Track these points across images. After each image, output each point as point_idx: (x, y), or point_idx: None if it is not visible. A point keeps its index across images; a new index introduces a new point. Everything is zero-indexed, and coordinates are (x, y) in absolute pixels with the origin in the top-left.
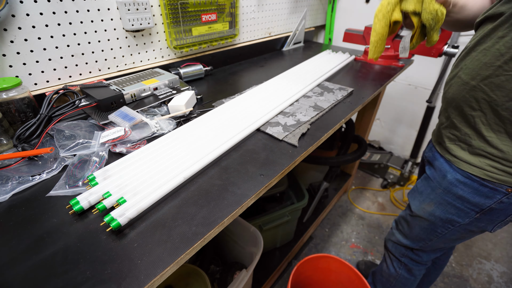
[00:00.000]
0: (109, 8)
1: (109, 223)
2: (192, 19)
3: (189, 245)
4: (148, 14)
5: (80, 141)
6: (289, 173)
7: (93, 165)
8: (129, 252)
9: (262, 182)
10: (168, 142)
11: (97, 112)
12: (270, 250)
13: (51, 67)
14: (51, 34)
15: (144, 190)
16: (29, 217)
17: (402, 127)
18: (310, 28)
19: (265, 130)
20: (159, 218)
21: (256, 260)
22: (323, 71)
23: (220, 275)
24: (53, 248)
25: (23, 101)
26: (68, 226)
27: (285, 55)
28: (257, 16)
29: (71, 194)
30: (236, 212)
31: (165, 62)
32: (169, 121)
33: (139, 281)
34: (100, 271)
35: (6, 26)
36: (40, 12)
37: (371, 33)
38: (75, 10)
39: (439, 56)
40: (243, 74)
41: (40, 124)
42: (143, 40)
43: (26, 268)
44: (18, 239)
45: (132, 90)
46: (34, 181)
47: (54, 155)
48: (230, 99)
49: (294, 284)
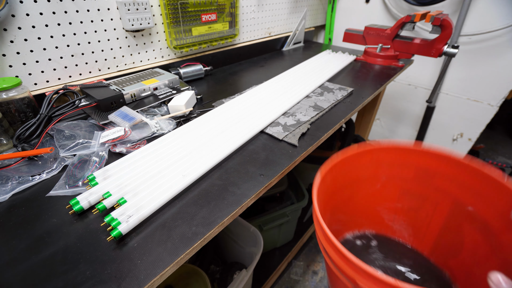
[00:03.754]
0: (109, 8)
1: (110, 223)
2: (192, 19)
3: (189, 245)
4: (148, 14)
5: (80, 141)
6: (289, 173)
7: (93, 165)
8: (129, 252)
9: (262, 182)
10: (168, 142)
11: (97, 112)
12: (270, 250)
13: (51, 67)
14: (51, 34)
15: (144, 190)
16: (29, 217)
17: (402, 127)
18: (310, 28)
19: (265, 130)
20: (158, 218)
21: (256, 260)
22: (323, 72)
23: (220, 275)
24: (53, 248)
25: (23, 101)
26: (68, 226)
27: (285, 55)
28: (257, 16)
29: (71, 194)
30: (236, 212)
31: (165, 62)
32: (169, 121)
33: (139, 281)
34: (100, 271)
35: (6, 26)
36: (40, 12)
37: None
38: (75, 10)
39: (439, 56)
40: (243, 74)
41: (40, 124)
42: (143, 40)
43: (26, 268)
44: (18, 239)
45: (132, 90)
46: (34, 181)
47: (54, 155)
48: (230, 99)
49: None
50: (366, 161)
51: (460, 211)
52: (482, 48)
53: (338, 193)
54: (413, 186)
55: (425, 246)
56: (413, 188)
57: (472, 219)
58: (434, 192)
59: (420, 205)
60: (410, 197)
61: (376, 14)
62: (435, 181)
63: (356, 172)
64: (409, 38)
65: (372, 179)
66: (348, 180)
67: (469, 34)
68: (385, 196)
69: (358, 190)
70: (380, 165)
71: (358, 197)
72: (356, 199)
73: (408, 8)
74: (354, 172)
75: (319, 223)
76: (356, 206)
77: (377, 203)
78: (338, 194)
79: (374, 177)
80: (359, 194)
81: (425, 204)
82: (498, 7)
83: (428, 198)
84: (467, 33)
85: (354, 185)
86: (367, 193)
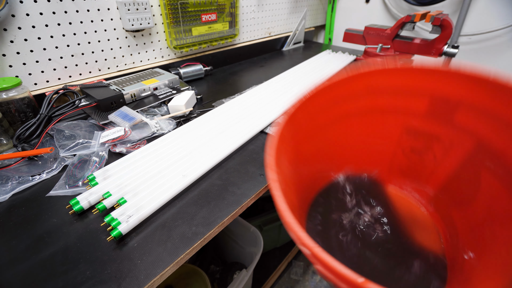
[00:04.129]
0: (109, 8)
1: (110, 223)
2: (192, 19)
3: (189, 245)
4: (148, 14)
5: (80, 141)
6: None
7: (93, 165)
8: (129, 252)
9: (262, 182)
10: (168, 142)
11: (97, 112)
12: (270, 250)
13: (51, 67)
14: (51, 34)
15: (144, 190)
16: (29, 217)
17: None
18: (310, 28)
19: (265, 130)
20: (159, 218)
21: (256, 260)
22: (323, 72)
23: (220, 275)
24: (53, 248)
25: (23, 101)
26: (68, 226)
27: (285, 55)
28: (257, 16)
29: (71, 194)
30: (236, 212)
31: (165, 62)
32: (169, 121)
33: (139, 281)
34: (100, 271)
35: (6, 26)
36: (40, 12)
37: None
38: (75, 10)
39: (439, 56)
40: (243, 74)
41: (40, 124)
42: (143, 40)
43: (26, 268)
44: (18, 239)
45: (132, 90)
46: (34, 181)
47: (54, 155)
48: (230, 99)
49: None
50: (358, 90)
51: (482, 156)
52: (482, 48)
53: (314, 137)
54: (423, 122)
55: (424, 196)
56: (421, 126)
57: (497, 167)
58: (451, 130)
59: (427, 146)
60: (415, 137)
61: (376, 14)
62: (456, 115)
63: (344, 106)
64: (409, 38)
65: (364, 115)
66: (331, 118)
67: (469, 34)
68: (381, 135)
69: (344, 128)
70: (379, 94)
71: (345, 136)
72: (341, 140)
73: (408, 8)
74: (341, 106)
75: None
76: (340, 148)
77: (368, 144)
78: (315, 138)
79: (367, 112)
80: (346, 132)
81: (435, 146)
82: (498, 7)
83: (440, 139)
84: (467, 33)
85: (338, 123)
86: (356, 132)
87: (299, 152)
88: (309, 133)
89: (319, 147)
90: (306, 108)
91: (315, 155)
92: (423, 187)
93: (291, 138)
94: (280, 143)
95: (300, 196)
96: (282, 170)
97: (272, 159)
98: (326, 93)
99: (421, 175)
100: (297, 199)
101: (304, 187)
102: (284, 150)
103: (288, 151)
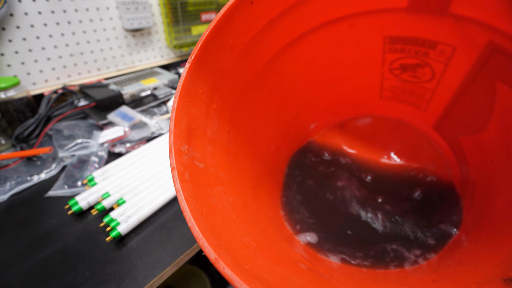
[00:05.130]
0: (108, 7)
1: (109, 224)
2: (191, 18)
3: (188, 245)
4: (147, 13)
5: (79, 141)
6: None
7: (92, 165)
8: (128, 253)
9: None
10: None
11: (96, 112)
12: None
13: (49, 67)
14: (50, 33)
15: (144, 190)
16: (28, 217)
17: None
18: None
19: None
20: (158, 219)
21: None
22: None
23: (220, 275)
24: (52, 249)
25: (21, 101)
26: (67, 227)
27: None
28: None
29: (70, 195)
30: None
31: (164, 62)
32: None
33: (138, 282)
34: (99, 272)
35: (4, 25)
36: (39, 11)
37: None
38: (74, 9)
39: None
40: None
41: (39, 124)
42: (143, 40)
43: (24, 269)
44: (17, 239)
45: (132, 90)
46: (33, 182)
47: (53, 155)
48: None
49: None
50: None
51: (496, 62)
52: None
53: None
54: (408, 22)
55: (427, 122)
56: (407, 28)
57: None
58: (448, 27)
59: (421, 59)
60: (402, 47)
61: None
62: (453, 1)
63: (288, 25)
64: None
65: (325, 32)
66: (273, 47)
67: None
68: (357, 56)
69: (300, 59)
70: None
71: (306, 69)
72: (301, 78)
73: None
74: (284, 26)
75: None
76: (303, 90)
77: (345, 71)
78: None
79: (329, 28)
80: (306, 64)
81: (430, 55)
82: None
83: (436, 44)
84: None
85: (287, 53)
86: (321, 60)
87: (246, 110)
88: (248, 77)
89: (270, 95)
90: (221, 40)
91: (270, 108)
92: (425, 113)
93: (212, 91)
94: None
95: (261, 163)
96: (214, 142)
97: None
98: (248, 9)
99: (422, 99)
100: (255, 169)
101: (267, 151)
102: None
103: (221, 111)
